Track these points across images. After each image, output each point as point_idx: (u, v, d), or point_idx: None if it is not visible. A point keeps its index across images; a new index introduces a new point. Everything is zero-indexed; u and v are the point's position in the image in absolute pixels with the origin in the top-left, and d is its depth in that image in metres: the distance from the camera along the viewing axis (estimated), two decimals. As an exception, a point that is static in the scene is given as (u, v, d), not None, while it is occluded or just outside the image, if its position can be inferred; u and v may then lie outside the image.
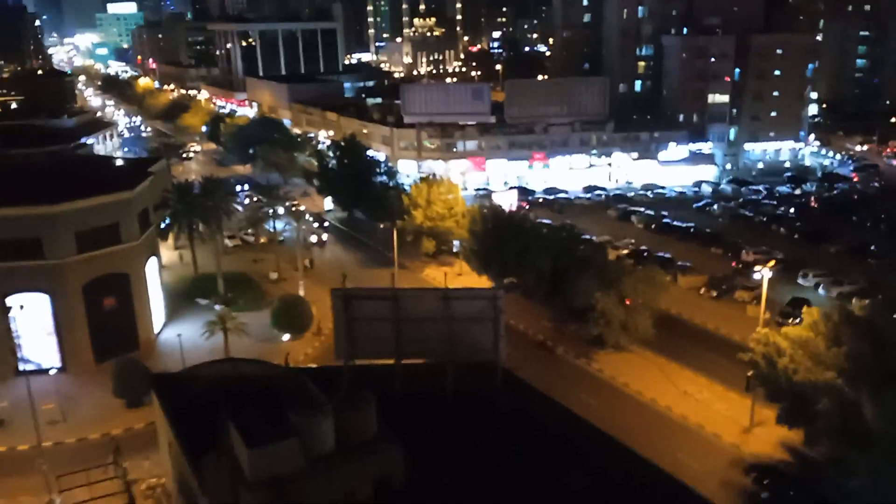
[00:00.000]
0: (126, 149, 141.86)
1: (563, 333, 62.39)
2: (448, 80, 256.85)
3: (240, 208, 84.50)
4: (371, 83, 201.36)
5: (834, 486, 41.50)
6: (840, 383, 40.69)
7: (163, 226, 73.21)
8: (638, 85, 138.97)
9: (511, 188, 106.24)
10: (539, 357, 58.86)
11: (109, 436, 47.98)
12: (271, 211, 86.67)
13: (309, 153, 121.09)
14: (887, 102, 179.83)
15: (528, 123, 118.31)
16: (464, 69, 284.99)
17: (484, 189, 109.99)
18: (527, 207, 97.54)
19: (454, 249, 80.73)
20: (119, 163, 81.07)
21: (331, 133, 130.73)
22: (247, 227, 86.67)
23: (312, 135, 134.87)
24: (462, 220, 78.51)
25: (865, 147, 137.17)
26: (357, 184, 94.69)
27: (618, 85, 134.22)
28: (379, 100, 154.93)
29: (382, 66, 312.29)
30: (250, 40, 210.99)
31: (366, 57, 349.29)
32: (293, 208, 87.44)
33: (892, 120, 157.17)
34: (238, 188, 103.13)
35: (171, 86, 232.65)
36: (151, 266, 64.39)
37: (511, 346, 38.04)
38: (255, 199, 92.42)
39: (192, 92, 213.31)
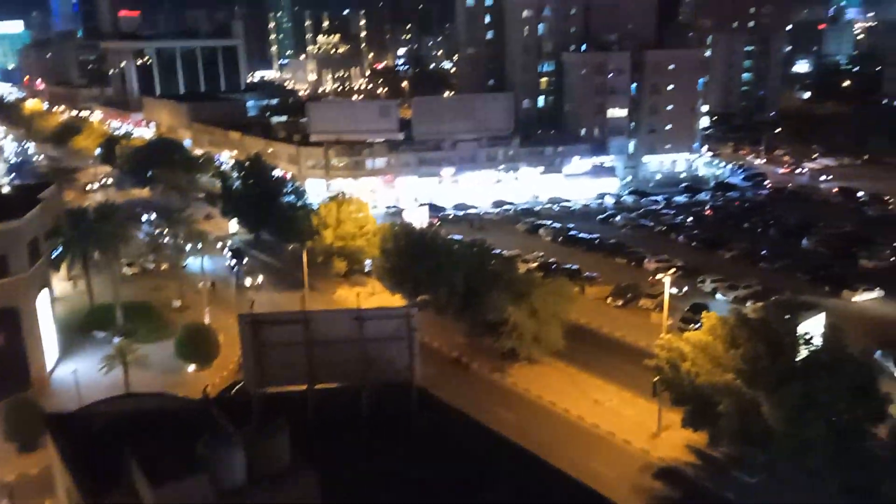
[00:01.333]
0: (13, 175, 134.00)
1: (477, 348, 62.83)
2: (354, 97, 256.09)
3: (142, 236, 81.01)
4: (275, 101, 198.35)
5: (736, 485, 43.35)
6: (738, 384, 42.45)
7: (54, 254, 69.38)
8: (541, 100, 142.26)
9: (421, 205, 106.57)
10: (454, 373, 59.01)
11: (2, 482, 44.84)
12: (175, 239, 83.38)
13: (211, 174, 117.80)
14: (772, 114, 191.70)
15: (436, 140, 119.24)
16: (369, 86, 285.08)
17: (394, 207, 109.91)
18: (437, 224, 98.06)
19: (366, 269, 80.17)
20: (5, 190, 76.53)
21: (234, 153, 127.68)
22: (146, 253, 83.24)
23: (215, 155, 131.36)
24: (373, 239, 78.05)
25: (763, 159, 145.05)
26: (263, 204, 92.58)
27: (522, 100, 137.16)
28: (284, 118, 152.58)
29: (287, 83, 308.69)
30: (146, 59, 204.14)
31: (269, 74, 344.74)
32: (219, 242, 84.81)
33: (777, 130, 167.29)
34: (143, 217, 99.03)
35: (62, 107, 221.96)
36: (43, 299, 60.82)
37: (426, 363, 37.82)
38: (160, 227, 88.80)
39: (85, 113, 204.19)
